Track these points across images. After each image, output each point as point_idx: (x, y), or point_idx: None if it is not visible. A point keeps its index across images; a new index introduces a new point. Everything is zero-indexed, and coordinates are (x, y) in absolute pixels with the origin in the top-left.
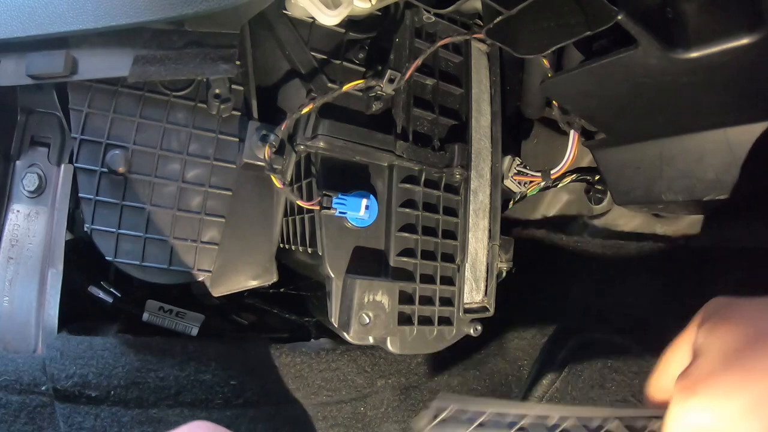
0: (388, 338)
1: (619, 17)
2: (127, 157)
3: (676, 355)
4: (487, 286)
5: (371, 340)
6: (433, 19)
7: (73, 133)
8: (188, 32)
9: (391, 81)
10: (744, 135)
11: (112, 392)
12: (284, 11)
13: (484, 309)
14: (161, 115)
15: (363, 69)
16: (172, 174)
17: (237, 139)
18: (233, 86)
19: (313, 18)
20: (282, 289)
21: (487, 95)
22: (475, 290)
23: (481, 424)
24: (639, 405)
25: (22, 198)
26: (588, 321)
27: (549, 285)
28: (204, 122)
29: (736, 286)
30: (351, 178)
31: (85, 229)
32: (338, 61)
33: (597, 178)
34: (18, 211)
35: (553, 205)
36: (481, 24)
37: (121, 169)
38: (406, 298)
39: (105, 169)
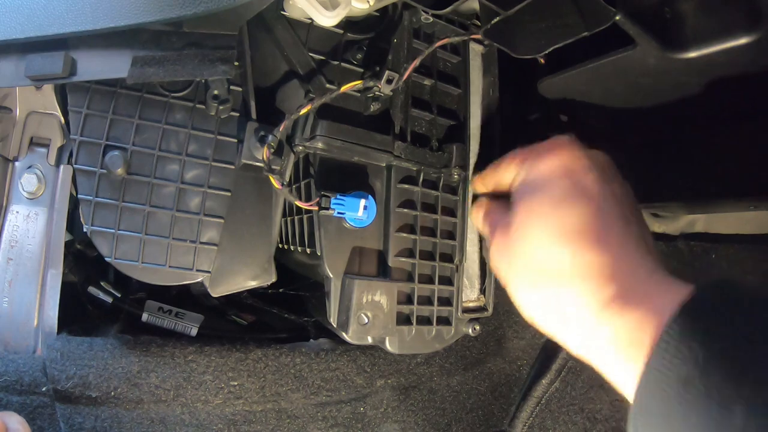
0: (387, 338)
1: (617, 18)
2: (126, 158)
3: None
4: (485, 286)
5: (370, 340)
6: (431, 19)
7: (72, 134)
8: (187, 33)
9: (389, 82)
10: (743, 134)
11: (113, 393)
12: (282, 12)
13: (483, 309)
14: (160, 116)
15: (361, 70)
16: (171, 175)
17: (235, 140)
18: (232, 87)
19: (311, 19)
20: (281, 290)
21: (486, 95)
22: (473, 290)
23: None
24: None
25: (21, 199)
26: None
27: None
28: (203, 123)
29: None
30: (349, 179)
31: (85, 229)
32: (336, 62)
33: None
34: (17, 212)
35: None
36: (479, 24)
37: (120, 170)
38: (404, 298)
39: (104, 170)
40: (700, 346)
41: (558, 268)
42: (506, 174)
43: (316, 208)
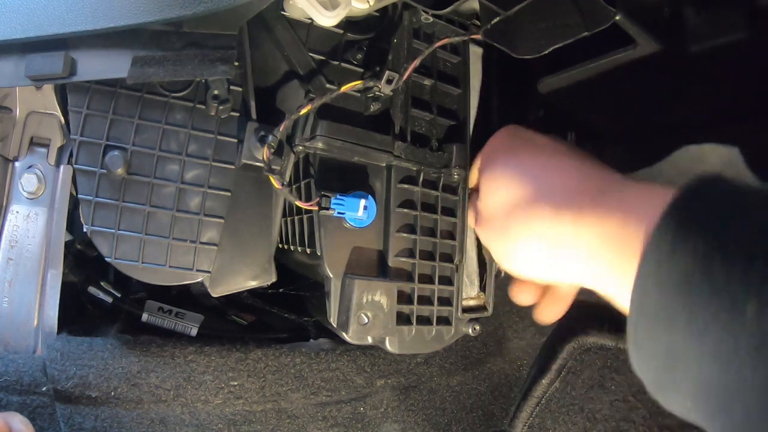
0: (387, 338)
1: (617, 18)
2: (126, 158)
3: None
4: (485, 286)
5: (370, 340)
6: (431, 19)
7: (72, 135)
8: (187, 33)
9: (389, 82)
10: (743, 133)
11: (113, 393)
12: (282, 12)
13: (483, 309)
14: (160, 116)
15: (361, 70)
16: (171, 175)
17: (235, 140)
18: (232, 87)
19: (311, 19)
20: (281, 290)
21: (485, 95)
22: (473, 290)
23: None
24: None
25: (21, 199)
26: (588, 320)
27: None
28: (203, 123)
29: None
30: (349, 179)
31: (85, 229)
32: (336, 62)
33: None
34: (17, 212)
35: None
36: (479, 24)
37: (120, 170)
38: (404, 298)
39: (104, 170)
40: (697, 239)
41: (524, 198)
42: (476, 170)
43: (316, 208)
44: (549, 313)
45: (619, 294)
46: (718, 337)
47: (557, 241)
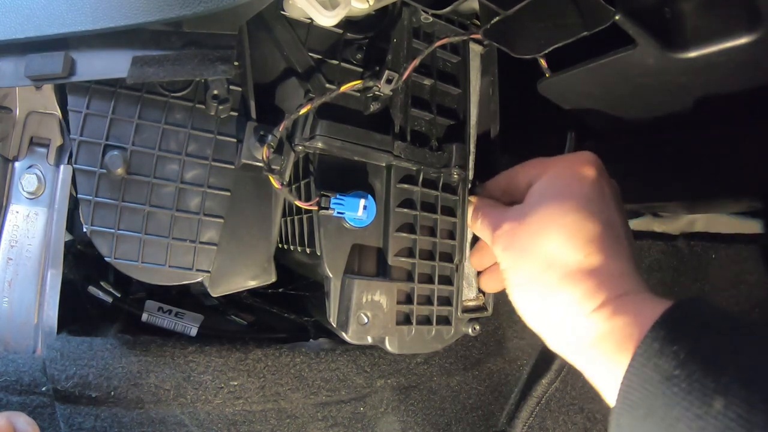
0: (387, 338)
1: (617, 17)
2: (125, 158)
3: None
4: None
5: (370, 339)
6: (431, 19)
7: (72, 134)
8: (186, 33)
9: (388, 81)
10: (742, 134)
11: (112, 393)
12: (282, 12)
13: (483, 308)
14: (160, 116)
15: (361, 69)
16: (171, 174)
17: (235, 140)
18: (231, 87)
19: (310, 19)
20: (281, 289)
21: (485, 95)
22: (473, 290)
23: None
24: None
25: (21, 199)
26: None
27: None
28: (202, 123)
29: (732, 283)
30: (349, 179)
31: (84, 229)
32: (336, 62)
33: None
34: (17, 212)
35: None
36: (479, 24)
37: (119, 170)
38: (404, 298)
39: (104, 170)
40: (681, 348)
41: (566, 265)
42: (522, 178)
43: (316, 207)
44: (491, 283)
45: (604, 380)
46: (687, 426)
47: (567, 311)
